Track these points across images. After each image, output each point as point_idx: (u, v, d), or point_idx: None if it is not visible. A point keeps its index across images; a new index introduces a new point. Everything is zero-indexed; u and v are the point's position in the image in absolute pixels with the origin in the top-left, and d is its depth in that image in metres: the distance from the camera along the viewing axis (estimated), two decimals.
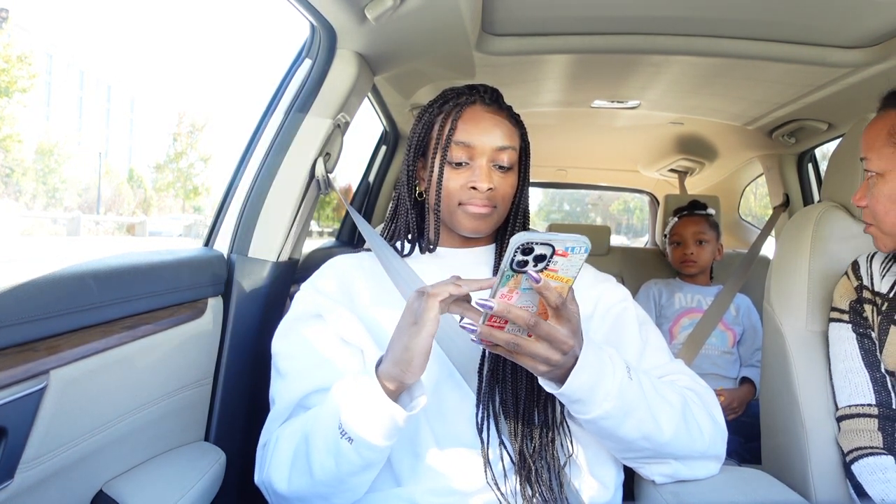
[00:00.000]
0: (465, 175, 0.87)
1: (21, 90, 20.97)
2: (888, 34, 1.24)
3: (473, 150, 0.86)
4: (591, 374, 0.67)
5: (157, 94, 53.02)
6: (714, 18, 1.27)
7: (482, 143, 0.86)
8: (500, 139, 0.87)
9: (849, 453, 0.94)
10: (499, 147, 0.86)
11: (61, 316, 0.75)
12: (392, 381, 0.68)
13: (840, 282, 1.04)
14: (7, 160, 26.00)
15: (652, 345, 0.90)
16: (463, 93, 0.90)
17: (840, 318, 1.01)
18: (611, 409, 0.69)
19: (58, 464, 0.75)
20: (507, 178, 0.88)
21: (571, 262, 0.61)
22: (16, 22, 29.67)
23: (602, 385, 0.68)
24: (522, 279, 0.61)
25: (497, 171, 0.87)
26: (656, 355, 0.89)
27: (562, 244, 0.59)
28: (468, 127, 0.86)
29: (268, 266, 1.20)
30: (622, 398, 0.69)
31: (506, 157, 0.87)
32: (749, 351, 1.90)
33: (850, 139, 1.10)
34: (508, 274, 0.61)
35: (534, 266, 0.60)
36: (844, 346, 0.99)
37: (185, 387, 1.03)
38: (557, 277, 0.62)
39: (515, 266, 0.60)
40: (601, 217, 19.26)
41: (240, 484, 1.16)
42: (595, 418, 0.70)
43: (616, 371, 0.70)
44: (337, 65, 1.23)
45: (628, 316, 0.91)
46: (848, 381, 0.97)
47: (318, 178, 1.24)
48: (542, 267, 0.60)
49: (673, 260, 2.06)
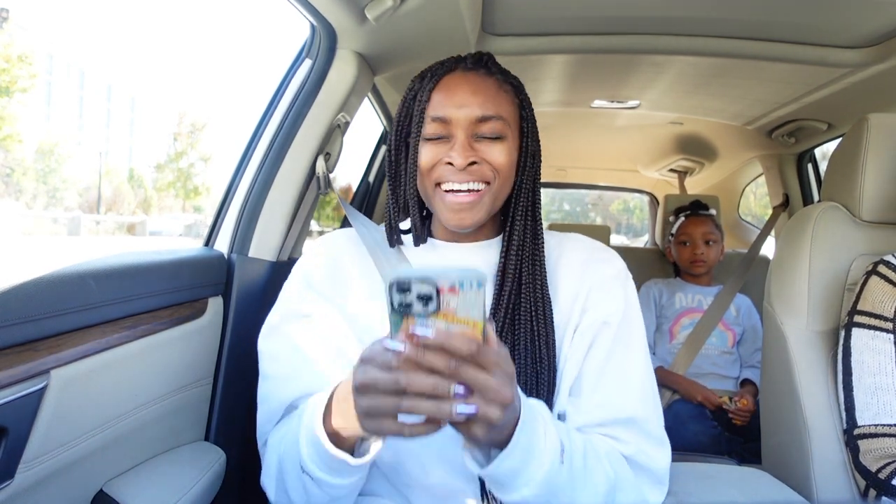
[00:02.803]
0: (443, 149, 0.76)
1: (21, 90, 20.99)
2: (888, 34, 1.24)
3: (449, 124, 0.75)
4: (519, 459, 0.58)
5: (157, 94, 53.01)
6: (714, 18, 1.27)
7: (457, 114, 0.75)
8: (479, 107, 0.75)
9: (881, 470, 0.87)
10: (479, 117, 0.75)
11: (62, 316, 0.75)
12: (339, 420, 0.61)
13: (870, 283, 0.95)
14: (7, 160, 26.00)
15: (612, 387, 0.76)
16: (444, 62, 0.80)
17: (875, 326, 0.91)
18: (531, 496, 0.60)
19: (58, 463, 0.75)
20: (496, 146, 0.76)
21: (469, 301, 0.50)
22: (16, 22, 29.65)
23: (527, 470, 0.59)
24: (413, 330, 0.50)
25: (482, 142, 0.76)
26: (611, 401, 0.75)
27: (446, 280, 0.49)
28: (442, 98, 0.76)
29: (268, 266, 1.20)
30: (546, 485, 0.60)
31: (489, 127, 0.75)
32: (749, 351, 1.90)
33: (850, 139, 1.10)
34: (394, 320, 0.51)
35: (423, 307, 0.50)
36: (878, 358, 0.89)
37: (185, 386, 1.03)
38: (459, 320, 0.50)
39: (399, 308, 0.50)
40: (601, 217, 19.24)
41: (240, 484, 1.16)
42: (511, 501, 0.61)
43: (547, 452, 0.60)
44: (337, 65, 1.23)
45: (604, 339, 0.77)
46: (876, 399, 0.88)
47: (319, 176, 1.24)
48: (433, 308, 0.50)
49: (680, 260, 2.05)
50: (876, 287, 0.94)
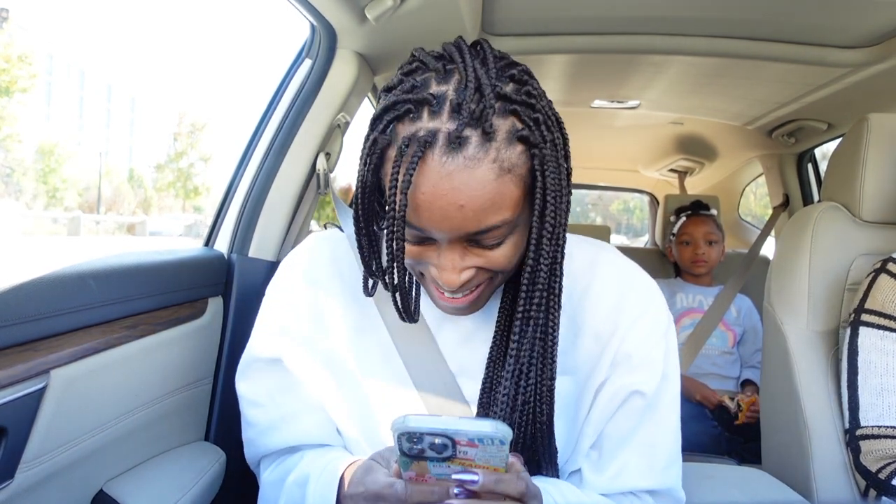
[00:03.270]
0: (430, 253, 0.59)
1: (21, 90, 20.99)
2: (888, 34, 1.24)
3: (432, 234, 0.57)
4: None
5: (157, 94, 53.02)
6: (714, 18, 1.27)
7: (440, 231, 0.55)
8: (471, 222, 0.54)
9: (881, 470, 0.87)
10: (471, 233, 0.55)
11: (61, 315, 0.75)
12: None
13: (879, 281, 0.93)
14: (7, 160, 26.01)
15: (637, 458, 0.69)
16: (410, 107, 0.55)
17: (884, 326, 0.89)
18: None
19: (58, 463, 0.75)
20: (497, 250, 0.59)
21: (489, 453, 0.44)
22: (16, 22, 29.66)
23: None
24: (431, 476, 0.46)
25: (478, 248, 0.58)
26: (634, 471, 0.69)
27: (464, 435, 0.43)
28: (421, 209, 0.54)
29: (268, 266, 1.20)
30: None
31: (486, 237, 0.57)
32: (749, 352, 1.90)
33: (850, 139, 1.10)
34: (404, 461, 0.47)
35: (437, 454, 0.45)
36: (886, 359, 0.88)
37: (185, 386, 1.03)
38: (479, 466, 0.46)
39: (410, 453, 0.45)
40: (601, 217, 19.25)
41: (240, 484, 1.16)
42: None
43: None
44: (337, 65, 1.23)
45: (634, 408, 0.69)
46: (882, 400, 0.87)
47: (319, 172, 1.24)
48: (447, 456, 0.44)
49: (682, 260, 2.05)
50: (886, 286, 0.92)
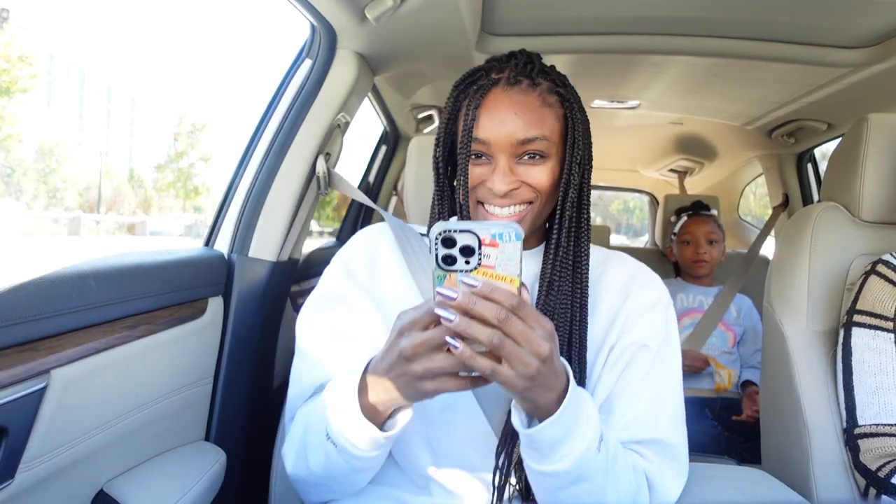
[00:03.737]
0: (486, 170, 0.76)
1: (22, 90, 20.99)
2: (888, 34, 1.24)
3: (490, 146, 0.74)
4: (563, 429, 0.61)
5: (157, 94, 53.01)
6: (714, 18, 1.27)
7: (498, 138, 0.73)
8: (521, 129, 0.73)
9: (880, 468, 0.87)
10: (520, 140, 0.73)
11: (62, 315, 0.75)
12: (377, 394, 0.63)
13: (869, 282, 0.95)
14: (8, 160, 26.02)
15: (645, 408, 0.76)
16: (482, 72, 0.78)
17: (876, 325, 0.91)
18: (562, 470, 0.63)
19: (58, 463, 0.75)
20: (537, 168, 0.75)
21: (506, 255, 0.54)
22: (16, 22, 29.68)
23: (568, 443, 0.62)
24: (460, 283, 0.54)
25: (524, 164, 0.75)
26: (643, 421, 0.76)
27: (486, 231, 0.53)
28: (485, 119, 0.74)
29: (268, 266, 1.20)
30: (580, 466, 0.63)
31: (532, 147, 0.74)
32: (750, 352, 1.90)
33: (850, 139, 1.10)
34: (440, 275, 0.54)
35: (465, 262, 0.54)
36: (879, 358, 0.89)
37: (186, 386, 1.03)
38: (498, 276, 0.54)
39: (443, 263, 0.54)
40: (601, 217, 19.25)
41: (240, 484, 1.16)
42: (542, 471, 0.64)
43: (588, 432, 0.63)
44: (337, 65, 1.23)
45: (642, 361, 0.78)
46: (878, 398, 0.88)
47: (319, 175, 1.24)
48: (475, 263, 0.54)
49: (683, 259, 2.05)
50: (875, 286, 0.94)
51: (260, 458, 1.14)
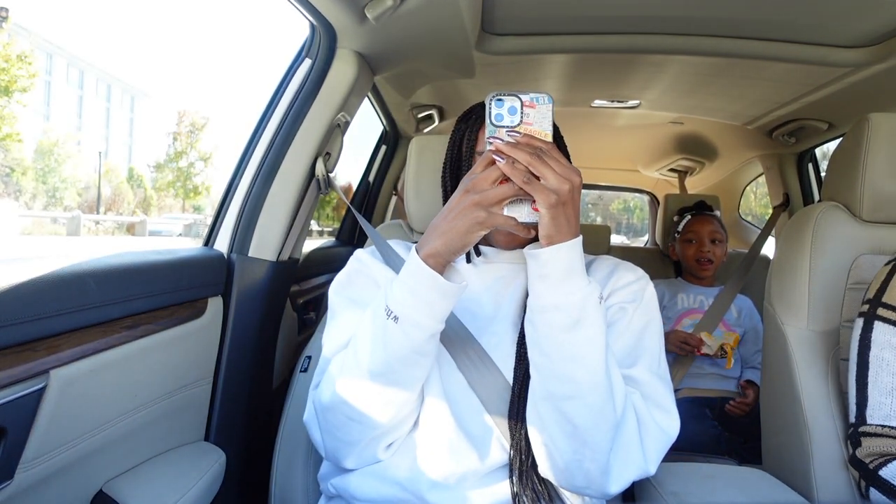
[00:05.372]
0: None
1: (21, 89, 20.97)
2: (888, 34, 1.24)
3: None
4: (570, 262, 0.69)
5: (157, 94, 52.97)
6: (714, 18, 1.26)
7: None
8: None
9: (872, 461, 0.87)
10: None
11: (61, 316, 0.75)
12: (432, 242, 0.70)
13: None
14: (7, 159, 26.00)
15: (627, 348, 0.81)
16: (480, 106, 0.90)
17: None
18: (568, 305, 0.69)
19: (58, 463, 0.75)
20: None
21: (541, 113, 0.69)
22: (16, 22, 29.65)
23: (573, 280, 0.69)
24: (506, 135, 0.69)
25: None
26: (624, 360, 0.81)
27: (527, 95, 0.69)
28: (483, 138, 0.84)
29: (268, 266, 1.20)
30: (583, 306, 0.69)
31: None
32: (750, 352, 1.90)
33: (851, 139, 1.10)
34: (492, 129, 0.69)
35: (511, 118, 0.69)
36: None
37: (185, 386, 1.03)
38: (534, 132, 0.69)
39: (495, 120, 0.69)
40: (601, 217, 19.26)
41: (240, 484, 1.16)
42: (554, 303, 0.69)
43: (592, 283, 0.71)
44: (337, 64, 1.23)
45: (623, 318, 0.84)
46: (892, 399, 0.86)
47: (318, 177, 1.24)
48: (518, 120, 0.68)
49: (686, 258, 2.04)
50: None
51: (260, 458, 1.14)
